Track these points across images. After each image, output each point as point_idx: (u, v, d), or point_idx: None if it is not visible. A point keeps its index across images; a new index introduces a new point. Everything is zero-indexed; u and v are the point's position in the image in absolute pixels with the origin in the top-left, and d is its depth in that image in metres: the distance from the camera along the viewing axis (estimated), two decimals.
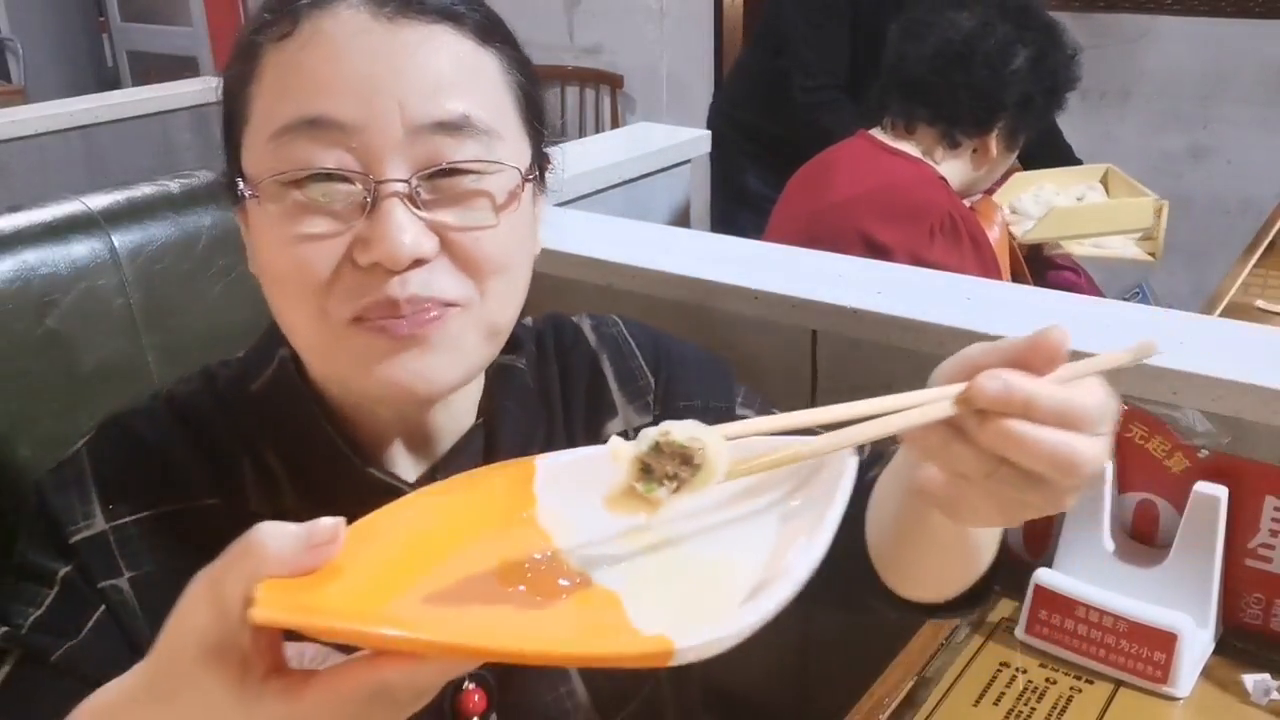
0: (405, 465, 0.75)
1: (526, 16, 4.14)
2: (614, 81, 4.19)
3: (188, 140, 3.02)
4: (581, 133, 4.21)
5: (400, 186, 0.62)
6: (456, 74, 0.65)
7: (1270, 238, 2.09)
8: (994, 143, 1.63)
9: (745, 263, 1.32)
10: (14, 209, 0.89)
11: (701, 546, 0.54)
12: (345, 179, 0.63)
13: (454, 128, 0.64)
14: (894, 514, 0.69)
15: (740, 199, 2.51)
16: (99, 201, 0.92)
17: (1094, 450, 0.51)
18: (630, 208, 2.04)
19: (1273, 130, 3.14)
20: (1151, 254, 1.90)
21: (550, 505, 0.57)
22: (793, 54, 2.42)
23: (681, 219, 2.24)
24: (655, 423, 0.70)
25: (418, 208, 0.63)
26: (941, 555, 0.70)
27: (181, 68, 5.06)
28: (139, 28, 5.53)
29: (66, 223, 0.89)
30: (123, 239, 0.91)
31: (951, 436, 0.52)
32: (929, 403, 0.52)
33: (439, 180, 0.64)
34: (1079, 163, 2.31)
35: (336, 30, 0.64)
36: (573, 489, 0.57)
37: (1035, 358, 0.51)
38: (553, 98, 4.34)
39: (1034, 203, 1.90)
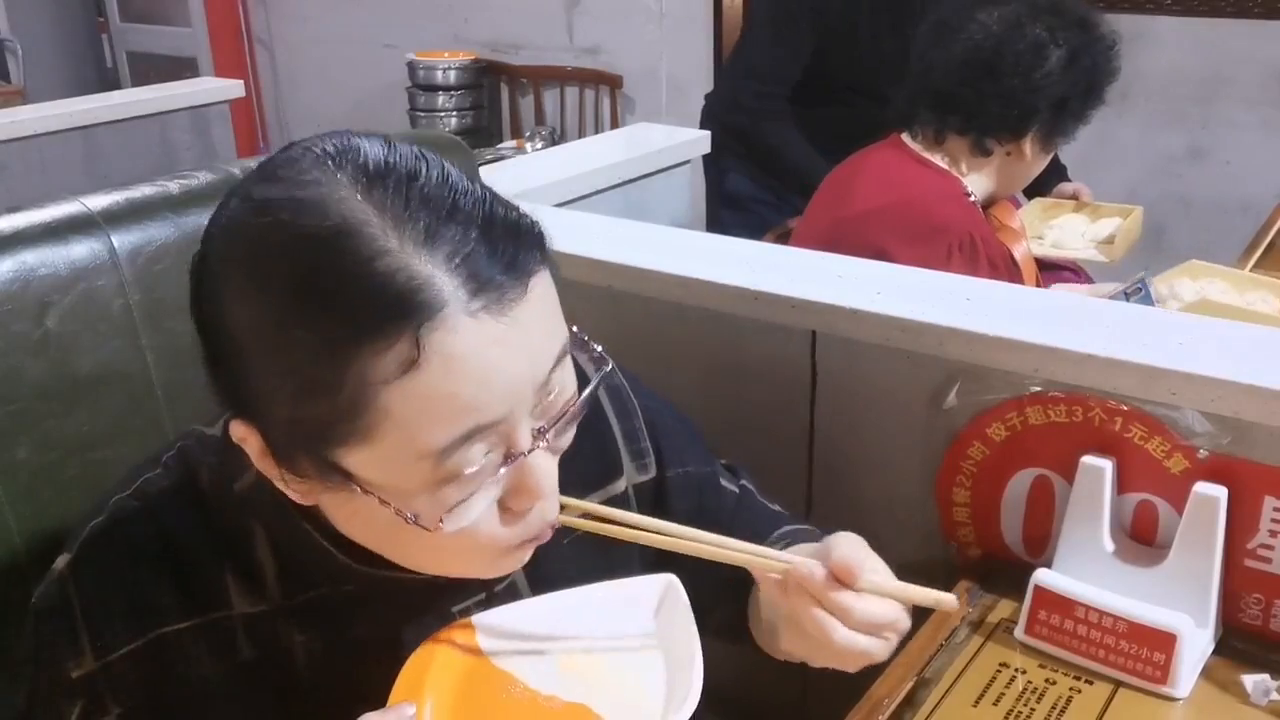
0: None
1: (526, 16, 4.16)
2: (613, 82, 4.19)
3: (187, 141, 3.02)
4: (581, 133, 4.21)
5: (537, 440, 0.66)
6: (550, 312, 0.66)
7: (1270, 238, 2.09)
8: (1028, 146, 1.61)
9: (745, 263, 1.31)
10: (13, 210, 0.89)
11: (616, 663, 0.76)
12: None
13: (559, 360, 0.67)
14: (760, 616, 0.90)
15: (726, 200, 2.51)
16: (98, 202, 0.92)
17: (852, 648, 0.73)
18: (630, 208, 2.04)
19: (1272, 131, 3.14)
20: (1109, 258, 1.86)
21: (496, 651, 0.76)
22: (746, 57, 2.42)
23: (681, 219, 2.24)
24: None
25: (548, 444, 0.67)
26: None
27: (181, 68, 5.07)
28: (139, 28, 5.54)
29: (66, 223, 0.89)
30: (122, 240, 0.91)
31: (777, 588, 0.75)
32: (773, 562, 0.75)
33: (549, 408, 0.67)
34: (1063, 169, 2.29)
35: (468, 350, 0.60)
36: (508, 636, 0.77)
37: (840, 567, 0.72)
38: (552, 98, 4.35)
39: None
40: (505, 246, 0.62)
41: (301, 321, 0.59)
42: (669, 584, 0.79)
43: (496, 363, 0.61)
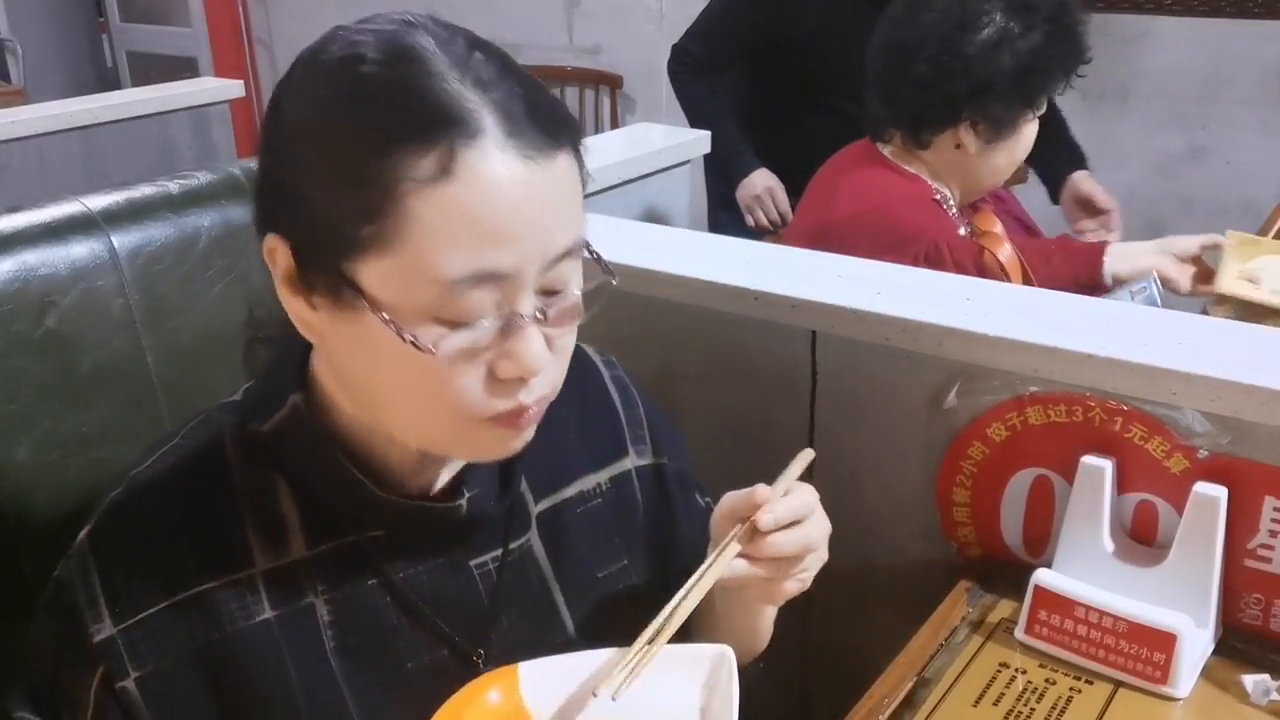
0: (422, 485, 0.79)
1: (526, 16, 4.14)
2: (613, 82, 4.19)
3: (187, 141, 3.02)
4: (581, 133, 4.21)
5: (537, 314, 0.68)
6: (573, 199, 0.70)
7: (1270, 238, 2.09)
8: (966, 137, 1.56)
9: (745, 263, 1.32)
10: (13, 210, 0.89)
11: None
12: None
13: (572, 252, 0.70)
14: (706, 621, 0.91)
15: (725, 200, 2.52)
16: (98, 202, 0.92)
17: (819, 530, 0.81)
18: (630, 208, 2.04)
19: (1272, 131, 3.14)
20: None
21: (537, 705, 0.76)
22: (704, 15, 2.45)
23: (681, 219, 2.24)
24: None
25: (544, 324, 0.69)
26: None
27: (181, 68, 5.07)
28: (139, 28, 5.54)
29: (66, 223, 0.89)
30: (122, 240, 0.91)
31: (748, 567, 0.79)
32: (718, 560, 0.78)
33: (554, 297, 0.70)
34: (1081, 159, 2.26)
35: (497, 176, 0.64)
36: (551, 689, 0.76)
37: (754, 502, 0.78)
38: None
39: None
40: (544, 113, 0.67)
41: (356, 114, 0.65)
42: (721, 655, 0.79)
43: (520, 202, 0.65)
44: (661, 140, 2.18)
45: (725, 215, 2.51)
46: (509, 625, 0.82)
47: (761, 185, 2.34)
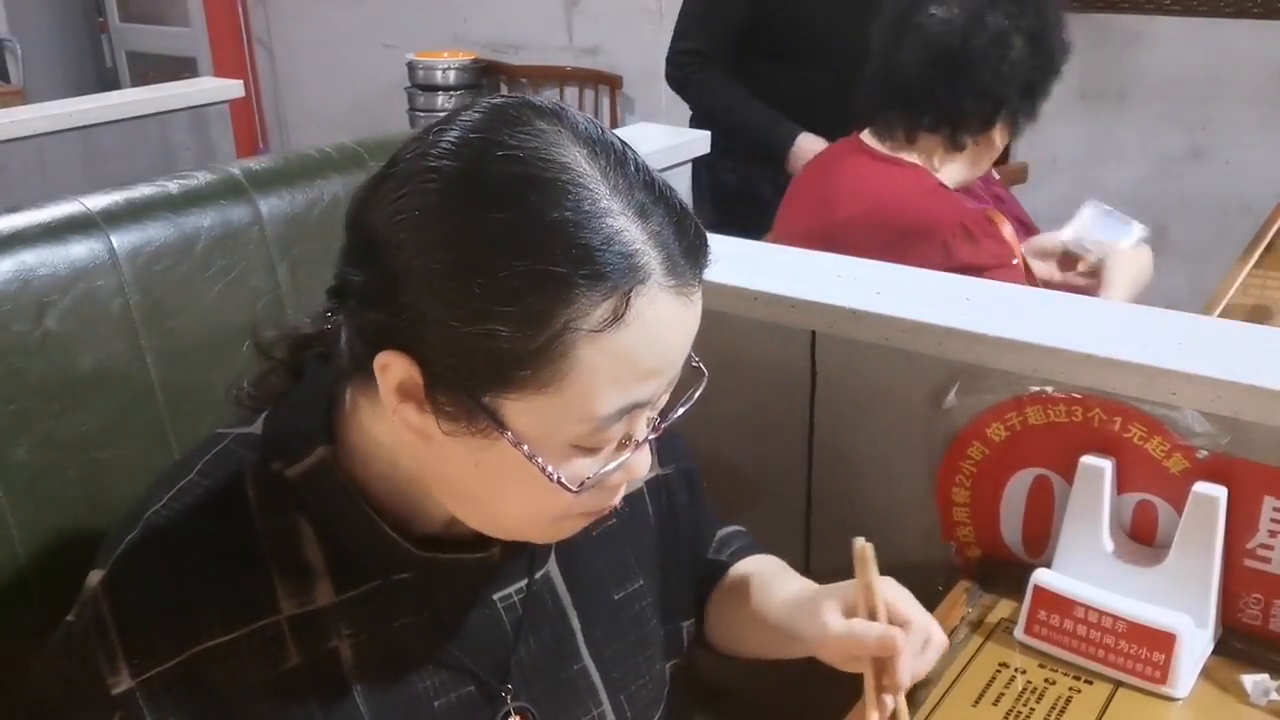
0: (452, 532, 0.77)
1: (526, 16, 4.13)
2: (613, 82, 4.19)
3: (186, 141, 3.02)
4: None
5: (651, 430, 0.70)
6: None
7: (1269, 238, 2.09)
8: (997, 135, 1.59)
9: (745, 263, 1.32)
10: (12, 210, 0.89)
11: None
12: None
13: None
14: (754, 632, 0.94)
15: (720, 200, 2.52)
16: (97, 202, 0.92)
17: (938, 642, 0.85)
18: None
19: (1272, 131, 3.14)
20: None
21: None
22: (679, 19, 2.44)
23: None
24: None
25: (654, 434, 0.71)
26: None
27: (180, 68, 5.07)
28: (138, 28, 5.54)
29: (65, 223, 0.89)
30: (121, 240, 0.91)
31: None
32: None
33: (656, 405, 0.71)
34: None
35: (660, 317, 0.64)
36: None
37: (887, 648, 0.81)
38: (552, 98, 4.35)
39: None
40: (691, 240, 0.67)
41: (524, 250, 0.61)
42: None
43: (672, 340, 0.66)
44: (661, 140, 2.18)
45: (723, 215, 2.51)
46: (528, 655, 0.82)
47: (811, 151, 2.32)
